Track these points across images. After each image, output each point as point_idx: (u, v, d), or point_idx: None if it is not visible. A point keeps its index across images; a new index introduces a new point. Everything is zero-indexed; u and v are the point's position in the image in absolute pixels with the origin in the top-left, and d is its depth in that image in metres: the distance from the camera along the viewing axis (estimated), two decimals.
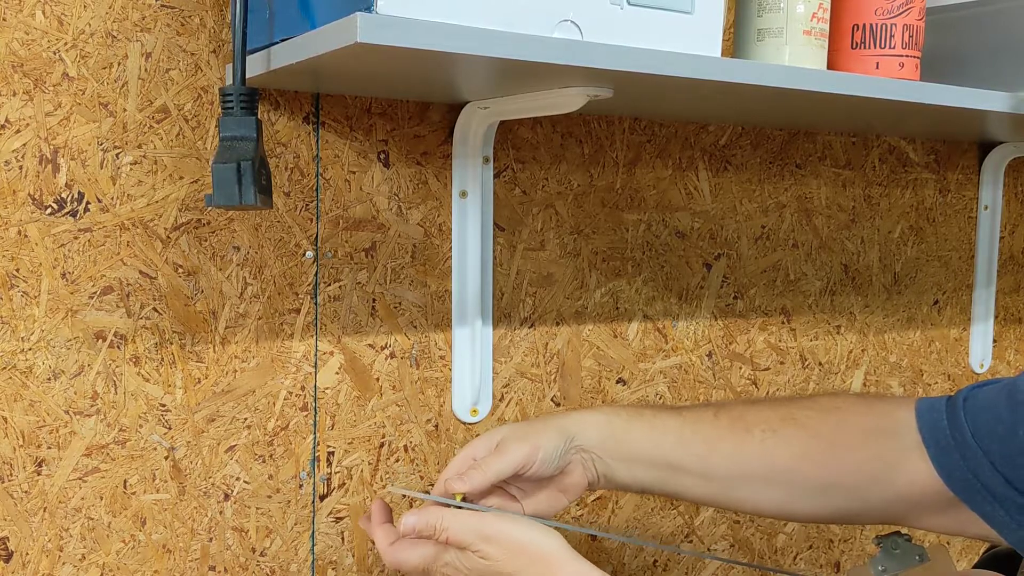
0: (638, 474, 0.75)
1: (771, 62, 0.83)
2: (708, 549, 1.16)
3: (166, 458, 0.83)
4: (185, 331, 0.83)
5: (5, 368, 0.77)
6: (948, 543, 1.39)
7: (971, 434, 0.69)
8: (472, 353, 0.95)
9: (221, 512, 0.86)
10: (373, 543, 0.93)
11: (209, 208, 0.82)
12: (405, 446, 0.94)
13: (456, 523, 0.68)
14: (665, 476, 0.75)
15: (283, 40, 0.71)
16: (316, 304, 0.88)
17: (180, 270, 0.82)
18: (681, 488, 0.76)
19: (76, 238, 0.78)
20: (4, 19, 0.74)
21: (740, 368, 1.15)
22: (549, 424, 0.74)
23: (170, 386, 0.83)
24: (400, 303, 0.93)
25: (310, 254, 0.88)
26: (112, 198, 0.79)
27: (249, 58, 0.74)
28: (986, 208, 1.35)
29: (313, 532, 0.90)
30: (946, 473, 0.71)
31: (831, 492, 0.75)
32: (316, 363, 0.89)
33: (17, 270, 0.77)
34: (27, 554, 0.79)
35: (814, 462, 0.74)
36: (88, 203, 0.78)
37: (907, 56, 0.88)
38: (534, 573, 0.65)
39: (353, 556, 0.93)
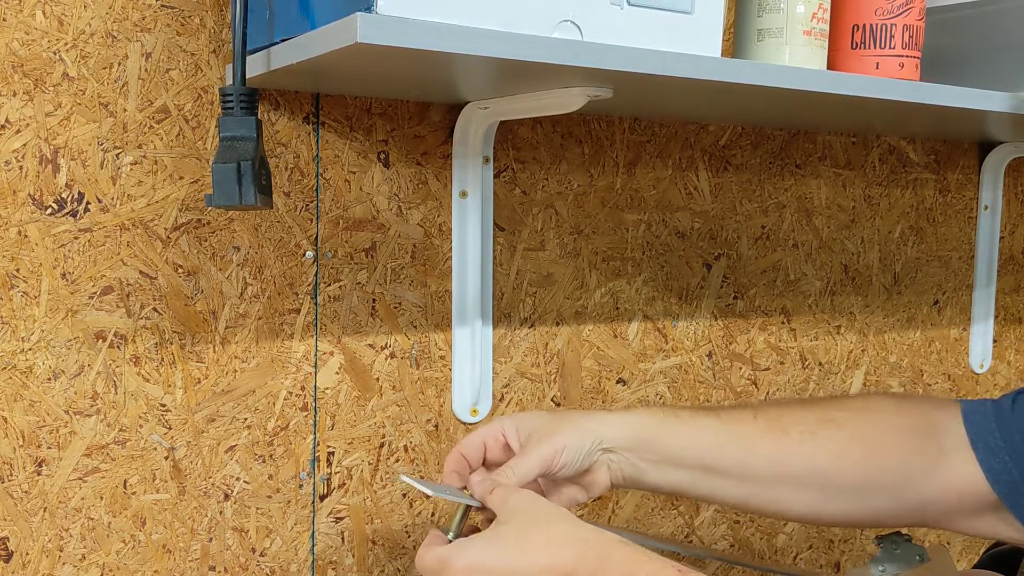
0: (669, 475, 0.75)
1: (771, 62, 0.83)
2: (708, 549, 1.16)
3: (166, 458, 0.83)
4: (185, 331, 0.83)
5: (5, 368, 0.77)
6: (948, 543, 1.39)
7: (1022, 437, 0.69)
8: (472, 353, 0.95)
9: (221, 512, 0.86)
10: (374, 543, 0.93)
11: (209, 208, 0.82)
12: (405, 446, 0.94)
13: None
14: (698, 477, 0.75)
15: (283, 40, 0.71)
16: (316, 304, 0.88)
17: (180, 270, 0.82)
18: (713, 490, 0.76)
19: (76, 238, 0.78)
20: (4, 19, 0.74)
21: (740, 368, 1.15)
22: (576, 424, 0.73)
23: (170, 386, 0.83)
24: (400, 303, 0.93)
25: (310, 254, 0.88)
26: (112, 198, 0.79)
27: (249, 58, 0.74)
28: (986, 208, 1.35)
29: (313, 532, 0.90)
30: (993, 476, 0.71)
31: (867, 493, 0.74)
32: (316, 363, 0.89)
33: (17, 270, 0.77)
34: (27, 554, 0.79)
35: (853, 462, 0.74)
36: (88, 203, 0.78)
37: (907, 56, 0.88)
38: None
39: (353, 556, 0.93)
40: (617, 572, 0.58)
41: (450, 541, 0.66)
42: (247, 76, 0.71)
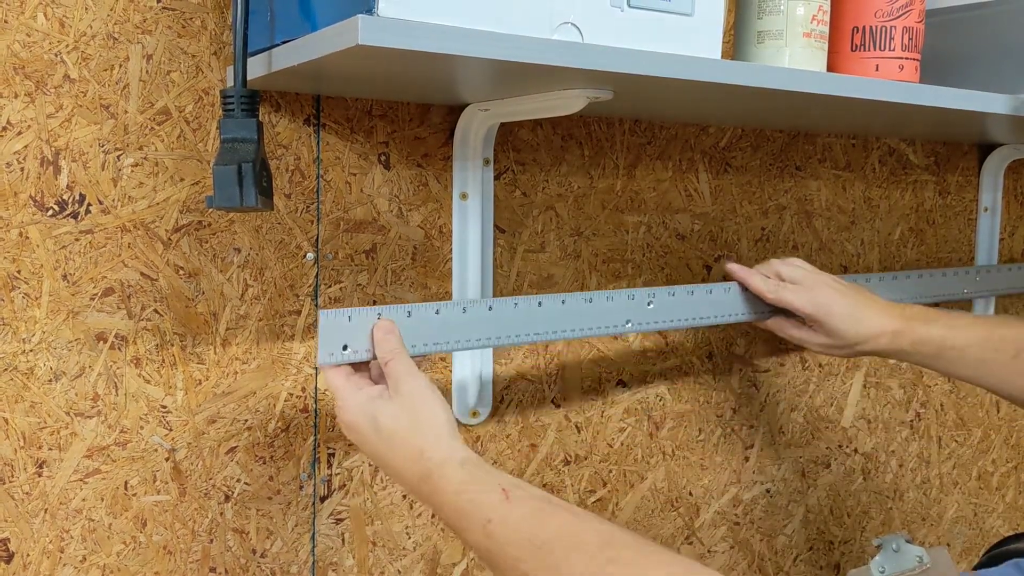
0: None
1: (771, 64, 0.84)
2: (708, 550, 1.16)
3: (167, 459, 0.83)
4: (186, 333, 0.83)
5: (6, 370, 0.77)
6: (949, 545, 1.39)
7: None
8: (472, 355, 0.95)
9: (222, 513, 0.86)
10: (374, 544, 0.93)
11: (210, 210, 0.82)
12: None
13: (403, 357, 0.71)
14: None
15: (284, 42, 0.71)
16: (317, 306, 0.88)
17: (181, 272, 0.83)
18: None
19: (77, 240, 0.78)
20: (5, 21, 0.74)
21: (740, 370, 1.15)
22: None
23: (171, 387, 0.83)
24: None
25: (311, 256, 0.88)
26: (113, 200, 0.79)
27: (250, 60, 0.74)
28: (986, 210, 1.35)
29: (314, 534, 0.91)
30: None
31: None
32: (317, 364, 0.89)
33: (18, 272, 0.77)
34: (28, 555, 0.79)
35: None
36: (89, 205, 0.79)
37: (907, 58, 0.88)
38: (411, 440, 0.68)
39: (354, 558, 0.93)
40: (452, 491, 0.64)
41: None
42: (248, 78, 0.71)
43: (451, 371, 0.96)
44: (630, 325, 0.91)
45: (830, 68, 0.88)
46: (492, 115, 0.89)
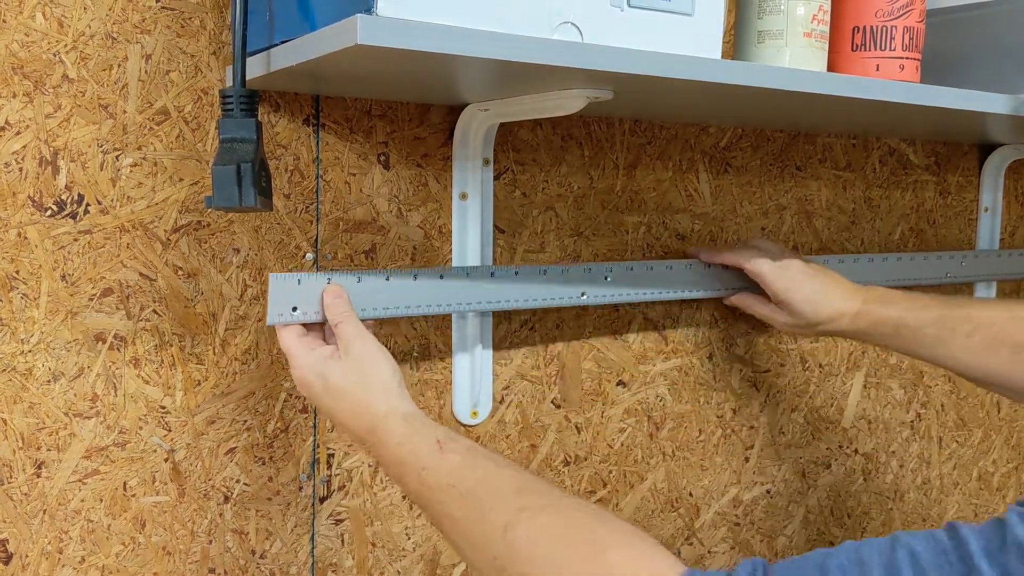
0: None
1: (771, 64, 0.83)
2: (708, 551, 1.16)
3: (166, 460, 0.83)
4: (185, 333, 0.83)
5: (5, 370, 0.77)
6: None
7: None
8: (472, 355, 0.95)
9: (221, 514, 0.86)
10: (374, 545, 0.93)
11: (209, 210, 0.82)
12: None
13: (352, 321, 0.76)
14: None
15: (283, 42, 0.71)
16: None
17: (180, 272, 0.82)
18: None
19: (76, 240, 0.78)
20: (4, 21, 0.74)
21: (741, 370, 1.15)
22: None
23: (170, 388, 0.83)
24: None
25: (310, 256, 0.88)
26: (112, 200, 0.79)
27: (249, 60, 0.74)
28: (986, 210, 1.35)
29: (313, 534, 0.90)
30: None
31: None
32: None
33: (17, 272, 0.77)
34: (26, 556, 0.79)
35: None
36: (88, 205, 0.78)
37: (907, 58, 0.88)
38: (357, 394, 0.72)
39: (353, 559, 0.93)
40: (394, 443, 0.70)
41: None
42: (247, 78, 0.71)
43: (451, 371, 0.96)
44: (585, 297, 0.94)
45: (830, 68, 0.88)
46: (492, 115, 0.89)
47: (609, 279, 0.94)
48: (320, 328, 0.79)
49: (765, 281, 0.97)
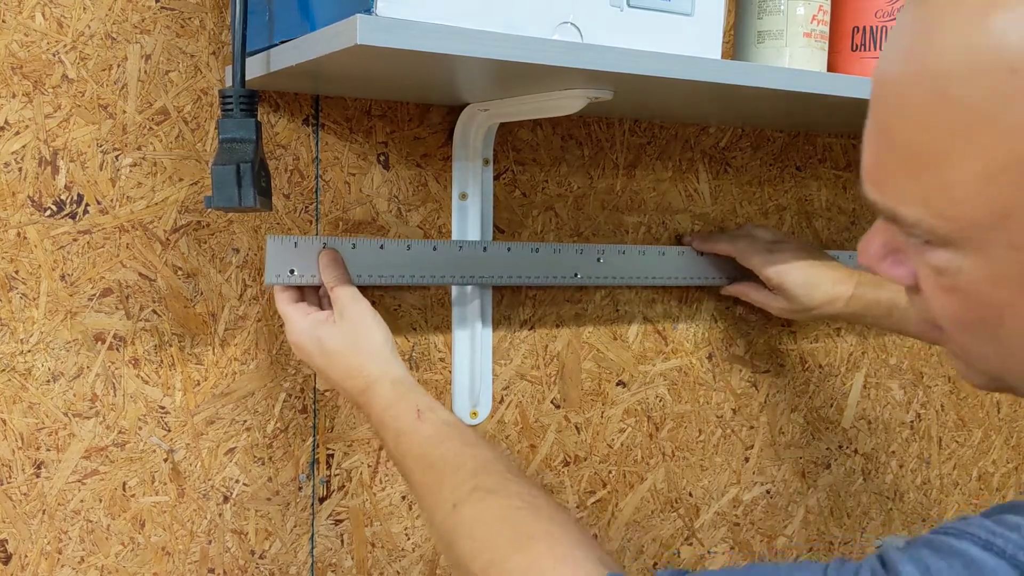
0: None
1: (771, 64, 0.83)
2: (708, 551, 1.16)
3: (165, 460, 0.83)
4: (184, 333, 0.83)
5: (4, 370, 0.77)
6: None
7: None
8: (472, 355, 0.95)
9: (220, 514, 0.86)
10: (373, 545, 0.93)
11: (208, 210, 0.82)
12: None
13: (348, 286, 0.79)
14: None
15: (283, 42, 0.71)
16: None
17: (179, 272, 0.82)
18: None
19: (75, 240, 0.78)
20: (4, 21, 0.74)
21: (740, 370, 1.15)
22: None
23: (169, 388, 0.83)
24: (400, 305, 0.92)
25: None
26: (112, 200, 0.79)
27: (249, 60, 0.74)
28: None
29: (312, 535, 0.90)
30: None
31: None
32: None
33: (16, 272, 0.76)
34: (26, 556, 0.79)
35: None
36: (87, 205, 0.78)
37: None
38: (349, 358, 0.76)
39: (353, 559, 0.93)
40: (381, 406, 0.73)
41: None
42: (247, 78, 0.71)
43: (451, 371, 0.96)
44: (579, 277, 0.95)
45: (830, 68, 0.88)
46: (492, 115, 0.89)
47: (601, 260, 0.96)
48: (315, 293, 0.82)
49: (757, 270, 0.99)
